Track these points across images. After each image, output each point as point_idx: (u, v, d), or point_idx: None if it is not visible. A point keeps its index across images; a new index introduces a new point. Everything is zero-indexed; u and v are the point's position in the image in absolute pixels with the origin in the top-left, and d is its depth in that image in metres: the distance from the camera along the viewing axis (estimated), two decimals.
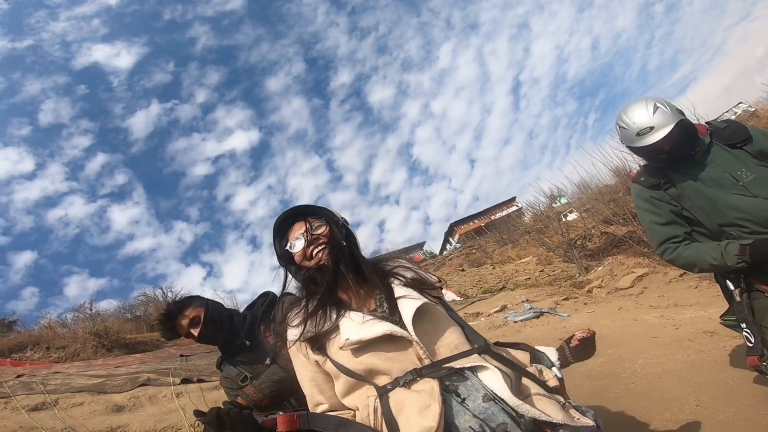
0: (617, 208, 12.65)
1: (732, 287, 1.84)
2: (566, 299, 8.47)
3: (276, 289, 1.28)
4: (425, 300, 1.06)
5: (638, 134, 1.88)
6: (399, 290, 1.10)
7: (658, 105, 1.85)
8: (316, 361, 1.06)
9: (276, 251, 1.26)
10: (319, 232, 1.18)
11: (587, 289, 9.09)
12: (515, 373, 1.01)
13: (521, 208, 23.36)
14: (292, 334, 1.09)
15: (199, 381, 5.21)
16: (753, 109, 16.98)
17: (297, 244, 1.18)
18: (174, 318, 1.77)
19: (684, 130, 1.84)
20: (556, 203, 18.39)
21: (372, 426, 0.93)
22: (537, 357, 1.14)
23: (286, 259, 1.24)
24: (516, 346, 1.17)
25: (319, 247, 1.16)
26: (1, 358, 10.92)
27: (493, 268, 14.25)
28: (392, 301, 1.07)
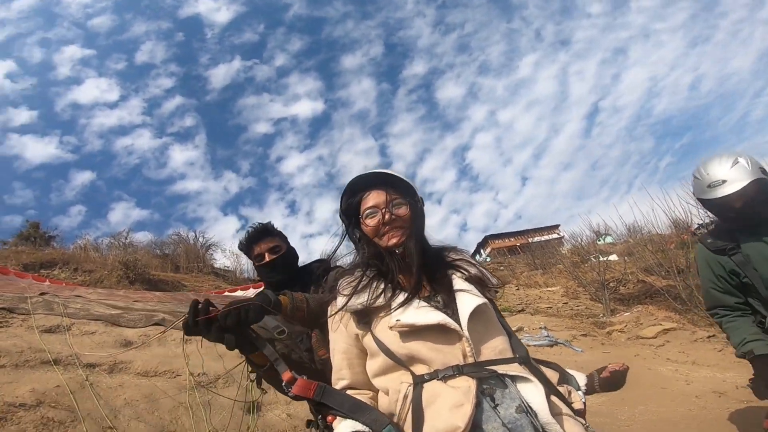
0: (664, 260, 11.92)
1: None
2: (584, 335, 8.21)
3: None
4: (484, 300, 1.03)
5: (709, 186, 1.81)
6: (459, 283, 1.07)
7: (739, 159, 1.76)
8: (357, 335, 1.05)
9: (341, 207, 1.19)
10: (398, 212, 1.11)
11: (608, 331, 8.72)
12: (547, 390, 0.98)
13: (562, 237, 22.53)
14: (340, 301, 1.07)
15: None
16: None
17: (372, 215, 1.11)
18: (259, 238, 1.80)
19: (761, 189, 1.74)
20: (600, 240, 17.61)
21: (397, 412, 0.91)
22: (566, 378, 1.11)
23: (349, 220, 1.18)
24: (547, 364, 1.14)
25: (396, 231, 1.10)
26: (29, 272, 11.35)
27: (517, 289, 13.92)
28: (450, 293, 1.04)
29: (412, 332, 0.95)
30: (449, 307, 1.01)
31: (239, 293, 10.96)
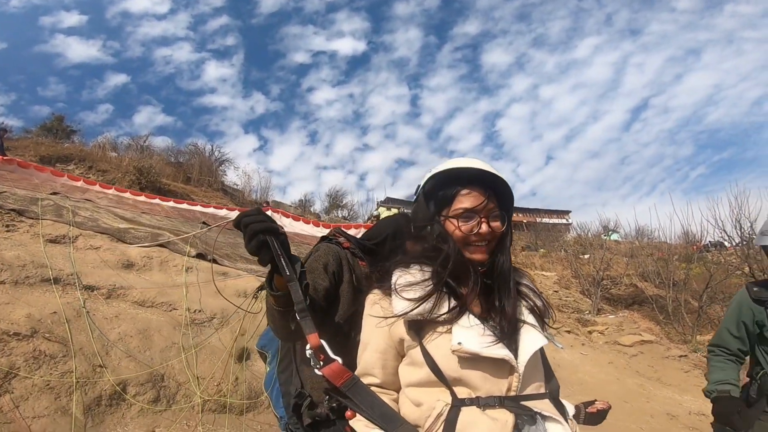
0: (663, 270, 11.93)
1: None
2: (569, 332, 8.49)
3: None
4: (546, 340, 1.00)
5: None
6: (525, 313, 1.02)
7: None
8: (401, 340, 1.00)
9: (424, 187, 1.08)
10: (494, 224, 1.01)
11: (589, 330, 8.97)
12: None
13: (570, 224, 22.38)
14: (398, 304, 0.99)
15: (213, 261, 5.49)
16: None
17: (467, 219, 1.00)
18: None
19: None
20: (606, 236, 17.50)
21: (425, 428, 0.90)
22: (562, 409, 1.07)
23: (430, 207, 1.06)
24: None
25: (485, 244, 1.01)
26: (45, 165, 11.40)
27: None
28: (512, 322, 0.99)
29: (470, 358, 0.92)
30: (508, 336, 0.96)
31: None
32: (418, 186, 1.13)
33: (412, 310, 0.96)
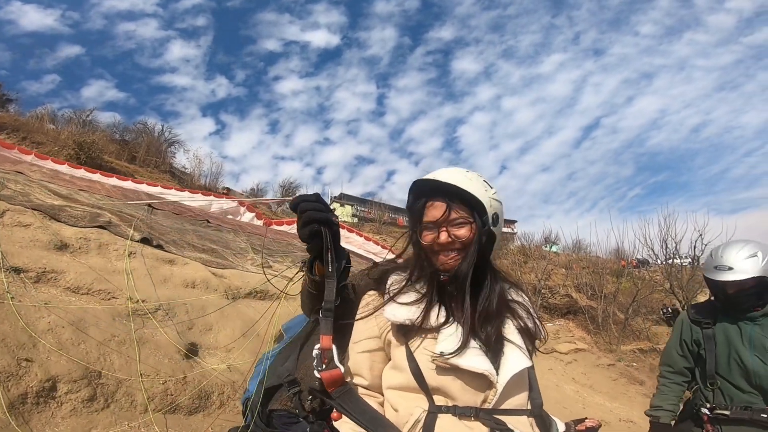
0: (594, 282, 12.88)
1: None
2: None
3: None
4: (530, 363, 1.01)
5: (716, 267, 1.96)
6: (512, 334, 1.02)
7: (758, 254, 1.88)
8: (390, 342, 1.01)
9: (407, 204, 1.12)
10: (458, 232, 1.01)
11: None
12: None
13: (515, 233, 23.47)
14: (389, 308, 1.01)
15: (158, 246, 5.11)
16: None
17: (429, 230, 1.03)
18: None
19: (758, 284, 1.87)
20: (547, 247, 18.55)
21: None
22: (546, 427, 1.08)
23: (413, 221, 1.08)
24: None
25: (451, 254, 1.01)
26: None
27: None
28: (498, 338, 1.00)
29: (450, 368, 0.94)
30: (492, 351, 0.98)
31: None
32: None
33: (397, 312, 0.98)
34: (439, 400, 0.94)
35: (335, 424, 0.96)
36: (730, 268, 1.89)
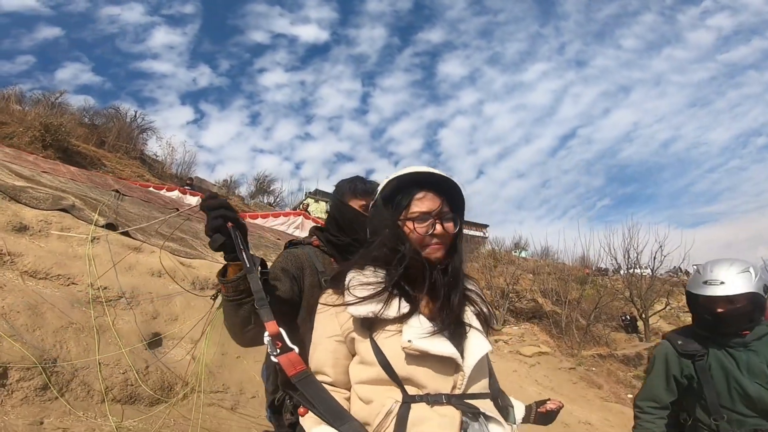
0: (560, 288, 13.32)
1: None
2: None
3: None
4: (491, 348, 1.05)
5: (705, 282, 1.78)
6: (472, 319, 1.06)
7: (750, 270, 1.75)
8: (352, 339, 1.02)
9: (383, 192, 1.11)
10: (447, 226, 1.06)
11: (495, 338, 9.67)
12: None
13: (486, 237, 23.92)
14: (350, 302, 1.01)
15: (124, 233, 4.93)
16: None
17: (422, 221, 1.04)
18: (368, 194, 1.46)
19: (750, 302, 1.73)
20: (517, 252, 19.01)
21: (374, 425, 0.93)
22: (506, 409, 1.15)
23: (388, 209, 1.09)
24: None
25: (440, 246, 1.05)
26: None
27: None
28: (461, 326, 1.03)
29: (419, 356, 0.95)
30: (455, 336, 1.01)
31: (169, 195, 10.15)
32: (376, 191, 1.18)
33: (358, 306, 0.99)
34: (410, 389, 0.95)
35: (301, 420, 0.97)
36: (722, 283, 1.73)
